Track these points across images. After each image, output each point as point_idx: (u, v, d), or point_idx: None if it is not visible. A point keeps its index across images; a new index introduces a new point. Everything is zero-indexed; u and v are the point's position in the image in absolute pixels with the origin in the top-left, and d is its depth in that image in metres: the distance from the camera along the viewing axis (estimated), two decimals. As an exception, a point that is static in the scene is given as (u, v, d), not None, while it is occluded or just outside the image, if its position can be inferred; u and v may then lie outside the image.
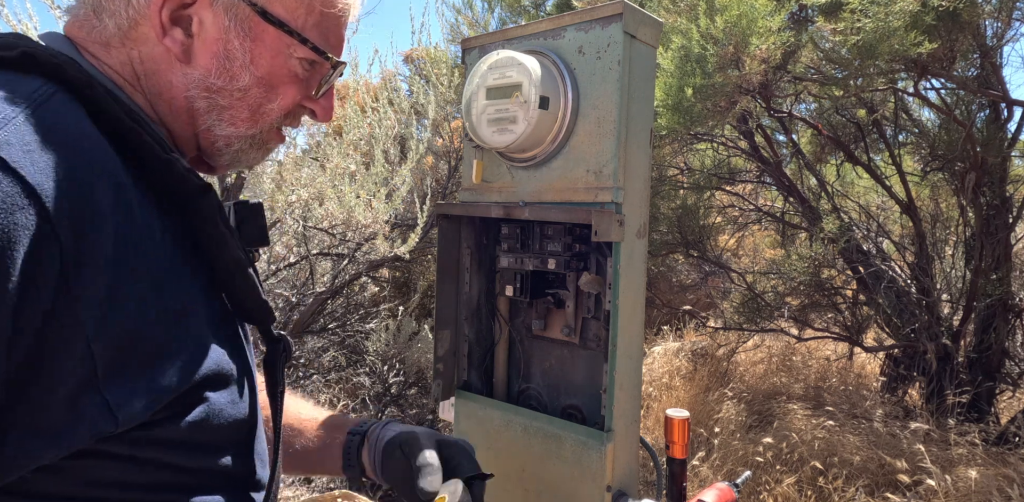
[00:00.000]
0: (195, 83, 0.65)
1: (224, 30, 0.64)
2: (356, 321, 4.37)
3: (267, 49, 0.66)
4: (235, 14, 0.64)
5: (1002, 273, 3.32)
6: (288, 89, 0.69)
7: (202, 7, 0.63)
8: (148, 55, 0.64)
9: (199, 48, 0.64)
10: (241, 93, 0.66)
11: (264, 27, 0.65)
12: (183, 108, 0.66)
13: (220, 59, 0.64)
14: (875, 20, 2.31)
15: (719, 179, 4.55)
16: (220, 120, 0.67)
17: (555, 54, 1.13)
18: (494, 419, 1.23)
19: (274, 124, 0.72)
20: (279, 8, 0.65)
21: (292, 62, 0.68)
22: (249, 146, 0.71)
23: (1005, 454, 2.90)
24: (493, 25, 4.76)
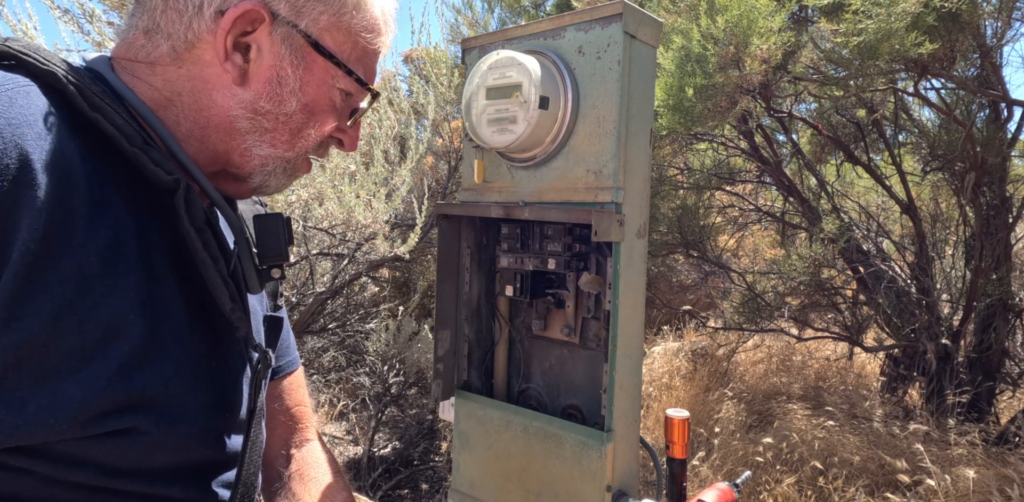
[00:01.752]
0: (244, 104, 0.68)
1: (279, 57, 0.68)
2: (356, 321, 4.37)
3: (315, 78, 0.70)
4: (291, 43, 0.68)
5: (1002, 273, 3.32)
6: (326, 117, 0.74)
7: (262, 35, 0.67)
8: (198, 75, 0.67)
9: (254, 72, 0.68)
10: (286, 117, 0.70)
11: (315, 57, 0.70)
12: (223, 126, 0.69)
13: (272, 84, 0.68)
14: (877, 21, 2.31)
15: (719, 179, 4.55)
16: (262, 141, 0.70)
17: (555, 54, 1.13)
18: (494, 419, 1.23)
19: (308, 151, 0.75)
20: (329, 41, 0.70)
21: (334, 92, 0.73)
22: (282, 170, 0.74)
23: (1005, 454, 2.90)
24: (493, 25, 4.76)
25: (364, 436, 3.79)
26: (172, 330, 0.61)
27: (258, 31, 0.66)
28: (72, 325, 0.53)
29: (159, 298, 0.60)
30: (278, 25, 0.67)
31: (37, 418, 0.52)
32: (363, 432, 3.91)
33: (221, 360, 0.68)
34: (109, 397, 0.55)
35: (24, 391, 0.51)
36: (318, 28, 0.69)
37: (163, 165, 0.61)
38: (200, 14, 0.65)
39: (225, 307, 0.66)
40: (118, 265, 0.57)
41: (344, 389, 4.44)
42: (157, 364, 0.59)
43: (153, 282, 0.60)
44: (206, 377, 0.65)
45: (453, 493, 1.29)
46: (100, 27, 2.79)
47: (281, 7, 0.67)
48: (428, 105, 3.83)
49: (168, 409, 0.60)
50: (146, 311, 0.59)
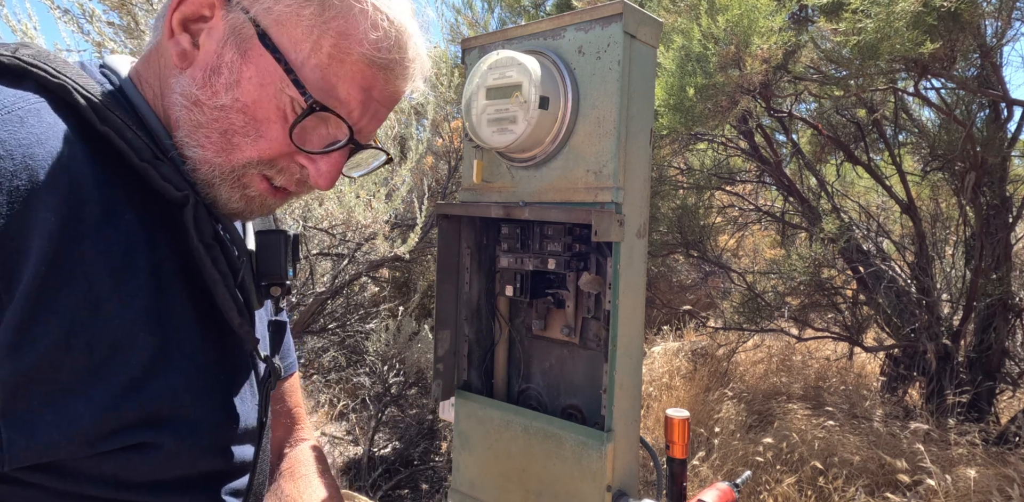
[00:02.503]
0: (181, 91, 0.62)
1: (221, 42, 0.61)
2: (356, 321, 4.37)
3: (257, 75, 0.61)
4: (239, 31, 0.61)
5: (1002, 273, 3.32)
6: (271, 128, 0.63)
7: (216, 21, 0.62)
8: (166, 63, 0.64)
9: (200, 59, 0.62)
10: (218, 113, 0.62)
11: (260, 51, 0.61)
12: (171, 118, 0.64)
13: (207, 71, 0.61)
14: (877, 20, 2.31)
15: (719, 179, 4.55)
16: (191, 139, 0.63)
17: (555, 54, 1.13)
18: (494, 419, 1.23)
19: (251, 164, 0.64)
20: (283, 37, 0.61)
21: (283, 99, 0.62)
22: (219, 180, 0.64)
23: (1005, 454, 2.90)
24: (493, 25, 4.76)
25: (364, 436, 3.79)
26: (180, 343, 0.60)
27: (214, 17, 0.62)
28: (81, 345, 0.52)
29: (168, 311, 0.59)
30: (231, 9, 0.61)
31: (48, 439, 0.51)
32: (363, 432, 3.91)
33: (229, 372, 0.67)
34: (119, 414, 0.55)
35: (33, 413, 0.51)
36: (270, 17, 0.60)
37: (172, 180, 0.60)
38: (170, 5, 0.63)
39: (234, 322, 0.64)
40: (128, 282, 0.56)
41: (344, 389, 4.44)
42: (166, 377, 0.58)
43: (162, 295, 0.59)
44: (215, 388, 0.64)
45: (453, 493, 1.29)
46: (100, 27, 2.79)
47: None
48: (428, 105, 3.83)
49: (178, 422, 0.59)
50: (154, 326, 0.58)
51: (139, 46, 2.77)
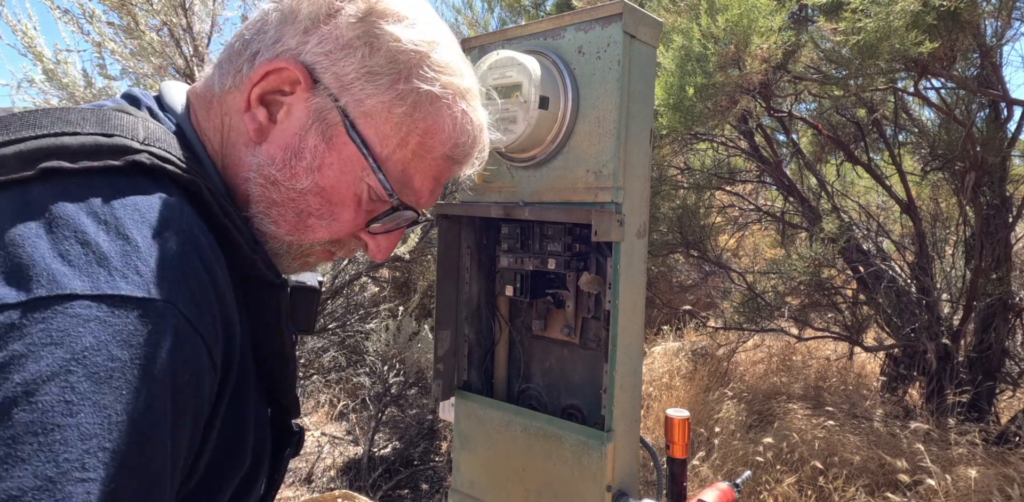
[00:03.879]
0: (257, 167, 0.62)
1: (305, 128, 0.61)
2: (356, 321, 4.37)
3: (339, 162, 0.62)
4: (323, 117, 0.61)
5: (1002, 273, 3.32)
6: (345, 212, 0.65)
7: (298, 98, 0.61)
8: (233, 125, 0.63)
9: (276, 135, 0.62)
10: (296, 194, 0.63)
11: (345, 140, 0.62)
12: (241, 189, 0.64)
13: (288, 153, 0.62)
14: (876, 20, 2.31)
15: (719, 179, 4.55)
16: (265, 214, 0.64)
17: (555, 54, 1.13)
18: (494, 419, 1.23)
19: (318, 243, 0.67)
20: (370, 128, 0.62)
21: (361, 186, 0.64)
22: (285, 251, 0.66)
23: (1005, 454, 2.90)
24: (493, 25, 4.76)
25: (364, 436, 3.79)
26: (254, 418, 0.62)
27: (295, 95, 0.61)
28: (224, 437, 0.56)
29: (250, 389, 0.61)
30: (317, 94, 0.61)
31: None
32: (363, 432, 3.91)
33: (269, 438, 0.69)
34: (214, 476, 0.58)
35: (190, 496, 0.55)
36: (360, 110, 0.61)
37: (272, 267, 0.61)
38: (252, 62, 0.62)
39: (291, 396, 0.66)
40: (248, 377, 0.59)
41: (344, 389, 4.44)
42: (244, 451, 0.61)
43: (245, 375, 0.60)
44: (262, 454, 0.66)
45: (453, 493, 1.29)
46: (100, 27, 2.79)
47: (326, 76, 0.61)
48: (428, 105, 3.83)
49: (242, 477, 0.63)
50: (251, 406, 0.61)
51: (139, 46, 2.77)
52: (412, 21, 0.63)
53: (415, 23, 0.63)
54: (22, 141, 0.50)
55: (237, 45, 0.64)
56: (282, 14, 0.62)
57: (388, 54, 0.61)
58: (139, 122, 0.57)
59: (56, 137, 0.51)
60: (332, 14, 0.61)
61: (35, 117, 0.52)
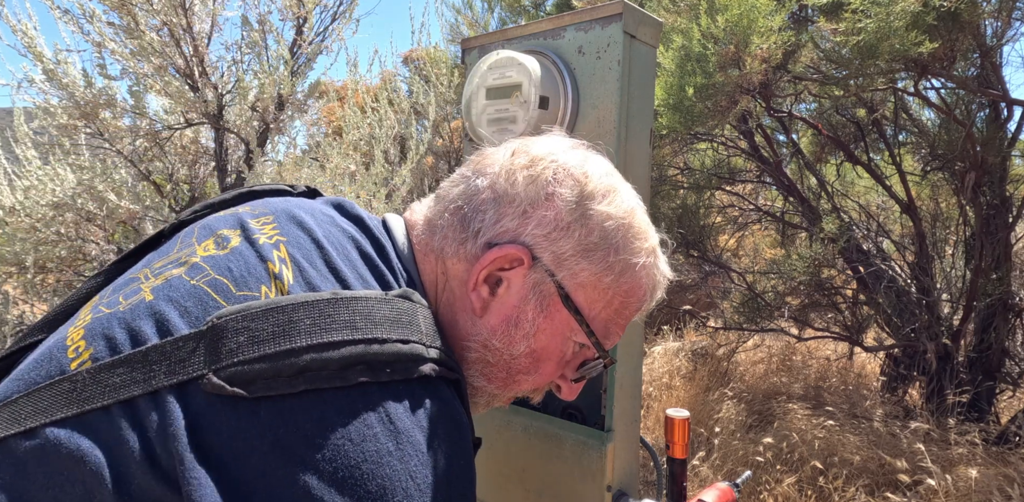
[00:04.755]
0: (476, 336, 0.68)
1: (524, 300, 0.67)
2: (356, 321, 4.37)
3: (552, 327, 0.68)
4: (540, 290, 0.67)
5: (1002, 273, 3.32)
6: (550, 366, 0.71)
7: (516, 274, 0.67)
8: (452, 289, 0.68)
9: (495, 308, 0.67)
10: (511, 358, 0.69)
11: (560, 309, 0.68)
12: (457, 349, 0.69)
13: (509, 324, 0.67)
14: (876, 20, 2.31)
15: (719, 179, 4.55)
16: (480, 374, 0.70)
17: (555, 54, 1.13)
18: (494, 419, 1.23)
19: (520, 393, 0.74)
20: (580, 296, 0.68)
21: (567, 344, 0.70)
22: (485, 402, 0.74)
23: (1005, 454, 2.90)
24: (493, 25, 4.76)
25: None
26: None
27: (514, 271, 0.67)
28: None
29: None
30: (535, 270, 0.67)
31: None
32: (363, 432, 3.90)
33: None
34: None
35: None
36: (575, 282, 0.67)
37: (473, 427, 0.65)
38: (475, 239, 0.67)
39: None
40: None
41: (344, 389, 4.44)
42: None
43: None
44: None
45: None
46: (100, 27, 2.79)
47: (545, 255, 0.66)
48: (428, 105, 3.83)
49: None
50: None
51: (139, 46, 2.77)
52: (614, 195, 0.69)
53: (616, 196, 0.70)
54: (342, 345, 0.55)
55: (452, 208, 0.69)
56: (496, 193, 0.68)
57: (601, 232, 0.68)
58: (420, 318, 0.61)
59: (369, 345, 0.56)
60: (548, 198, 0.67)
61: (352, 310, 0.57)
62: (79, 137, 3.00)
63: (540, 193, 0.66)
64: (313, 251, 0.62)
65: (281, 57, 3.03)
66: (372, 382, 0.54)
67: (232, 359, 0.53)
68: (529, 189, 0.67)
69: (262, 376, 0.52)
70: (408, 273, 0.68)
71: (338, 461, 0.49)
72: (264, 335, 0.54)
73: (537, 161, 0.68)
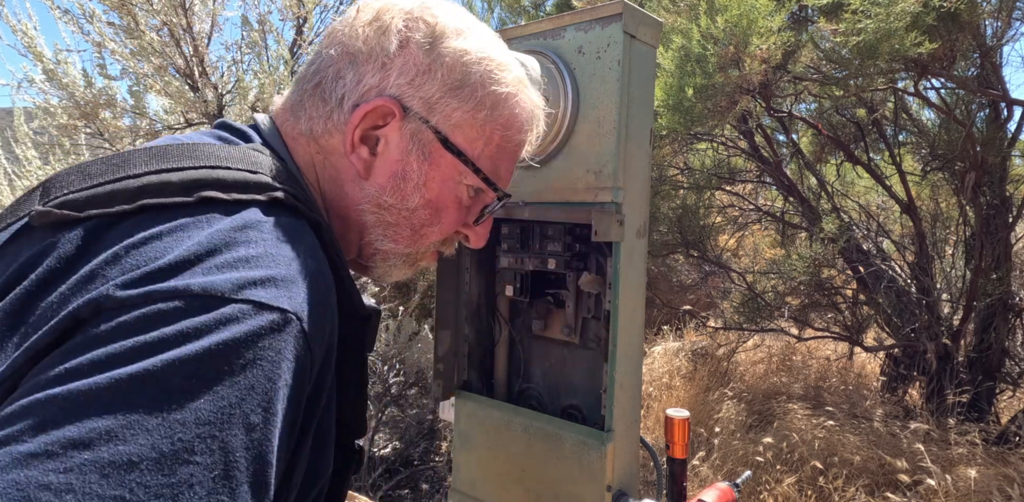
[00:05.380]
0: (369, 198, 0.68)
1: (406, 152, 0.67)
2: (356, 321, 4.37)
3: (440, 174, 0.69)
4: (419, 139, 0.67)
5: (1002, 273, 3.32)
6: (451, 214, 0.72)
7: (391, 129, 0.67)
8: (333, 164, 0.68)
9: (380, 166, 0.68)
10: (409, 212, 0.69)
11: (443, 153, 0.68)
12: (354, 219, 0.70)
13: (396, 179, 0.68)
14: (876, 21, 2.31)
15: (719, 179, 4.55)
16: (384, 236, 0.70)
17: (555, 54, 1.13)
18: (494, 419, 1.23)
19: (431, 247, 0.75)
20: (460, 137, 0.68)
21: (460, 189, 0.71)
22: (403, 262, 0.74)
23: (1005, 454, 2.90)
24: (493, 25, 4.76)
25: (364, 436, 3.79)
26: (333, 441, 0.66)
27: (388, 126, 0.66)
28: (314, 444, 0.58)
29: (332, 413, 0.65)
30: (409, 120, 0.67)
31: None
32: (363, 432, 3.90)
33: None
34: None
35: None
36: (449, 124, 0.68)
37: (362, 302, 0.64)
38: (340, 107, 0.66)
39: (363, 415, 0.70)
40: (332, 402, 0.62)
41: (344, 389, 4.44)
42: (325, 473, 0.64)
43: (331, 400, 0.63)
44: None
45: (453, 493, 1.29)
46: (100, 27, 2.79)
47: (414, 103, 0.66)
48: (428, 105, 3.83)
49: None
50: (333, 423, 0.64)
51: (139, 46, 2.77)
52: (468, 31, 0.68)
53: (470, 32, 0.69)
54: (183, 170, 0.55)
55: (310, 87, 0.68)
56: (351, 55, 0.67)
57: (463, 68, 0.67)
58: (272, 162, 0.62)
59: (212, 170, 0.56)
60: (403, 45, 0.66)
61: (192, 150, 0.58)
62: (79, 137, 3.00)
63: (393, 42, 0.65)
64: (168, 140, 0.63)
65: (281, 57, 3.03)
66: (219, 199, 0.54)
67: (62, 191, 0.54)
68: (382, 41, 0.66)
69: (95, 200, 0.52)
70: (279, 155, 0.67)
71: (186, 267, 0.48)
72: (96, 171, 0.55)
73: (383, 13, 0.67)
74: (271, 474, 0.46)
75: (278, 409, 0.47)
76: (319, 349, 0.52)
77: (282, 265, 0.52)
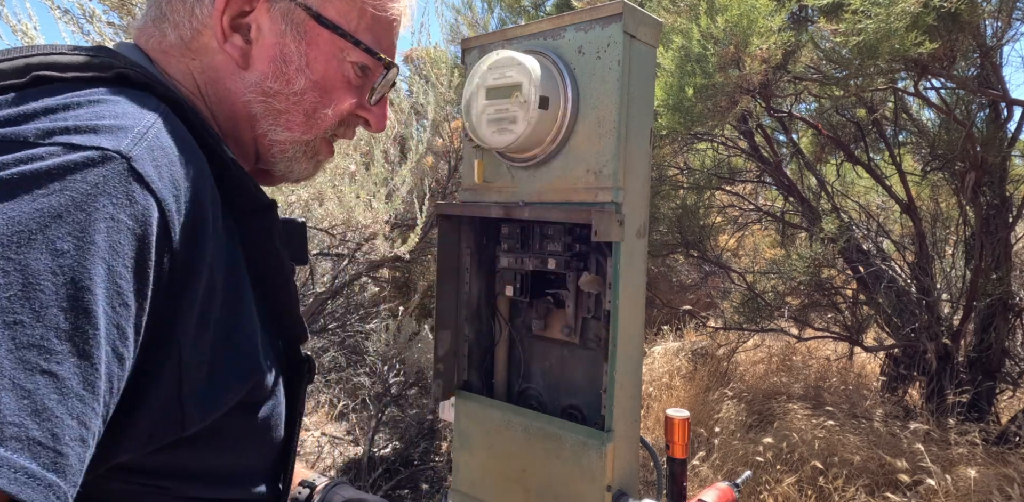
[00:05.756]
0: (252, 87, 0.67)
1: (280, 34, 0.66)
2: (356, 321, 4.37)
3: (321, 52, 0.67)
4: (291, 19, 0.66)
5: (1002, 273, 3.32)
6: (342, 94, 0.71)
7: (260, 13, 0.65)
8: (209, 64, 0.66)
9: (257, 53, 0.66)
10: (297, 97, 0.68)
11: (318, 30, 0.67)
12: (243, 114, 0.68)
13: (277, 63, 0.66)
14: (876, 21, 2.31)
15: (719, 179, 4.55)
16: (276, 125, 0.69)
17: (555, 54, 1.13)
18: (494, 419, 1.23)
19: (327, 131, 0.72)
20: (332, 12, 0.67)
21: (345, 66, 0.69)
22: (302, 154, 0.72)
23: (1005, 454, 2.90)
24: (493, 25, 4.76)
25: (364, 436, 3.79)
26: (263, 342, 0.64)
27: (256, 9, 0.65)
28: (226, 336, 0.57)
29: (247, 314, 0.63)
30: (275, 2, 0.65)
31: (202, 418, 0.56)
32: (363, 432, 3.91)
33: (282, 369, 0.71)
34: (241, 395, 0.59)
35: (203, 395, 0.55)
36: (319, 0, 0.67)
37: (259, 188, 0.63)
38: (201, 4, 0.65)
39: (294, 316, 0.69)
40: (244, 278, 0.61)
41: (344, 389, 4.44)
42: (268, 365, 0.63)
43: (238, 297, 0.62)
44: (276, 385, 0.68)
45: (453, 493, 1.29)
46: (100, 27, 2.79)
47: None
48: (428, 105, 3.83)
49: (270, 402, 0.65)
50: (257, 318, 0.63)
51: (139, 46, 2.77)
52: None
53: None
54: (14, 59, 0.54)
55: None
56: None
57: None
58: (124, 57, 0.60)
59: (47, 55, 0.55)
60: None
61: (31, 49, 0.56)
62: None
63: None
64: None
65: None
66: (55, 77, 0.52)
67: None
68: None
69: None
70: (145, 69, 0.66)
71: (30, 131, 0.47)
72: None
73: None
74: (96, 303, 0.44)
75: (100, 243, 0.44)
76: (170, 199, 0.50)
77: (115, 118, 0.50)
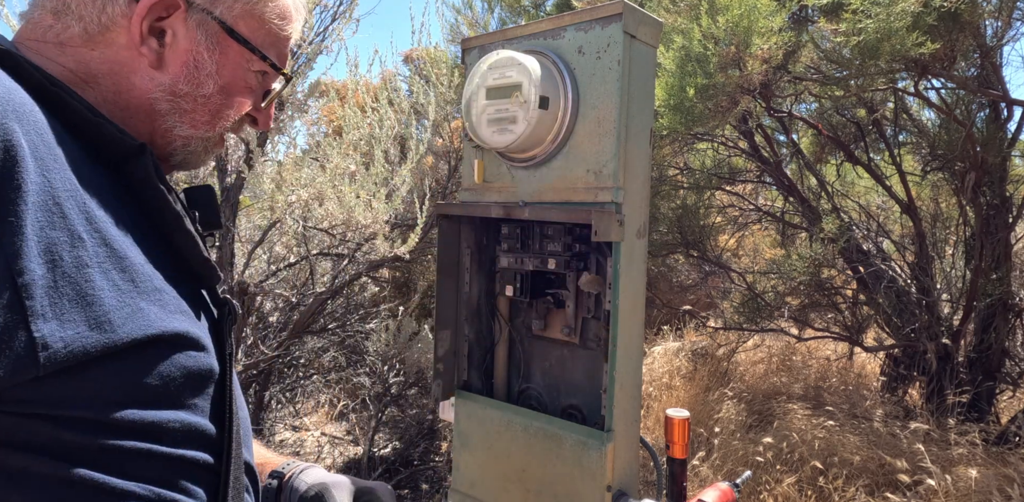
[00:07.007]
0: (162, 87, 0.72)
1: (195, 42, 0.73)
2: (356, 321, 4.37)
3: (230, 61, 0.76)
4: (206, 29, 0.73)
5: (1002, 273, 3.32)
6: (243, 98, 0.79)
7: (176, 21, 0.71)
8: (112, 57, 0.70)
9: (170, 56, 0.72)
10: (204, 99, 0.75)
11: (229, 43, 0.75)
12: (143, 108, 0.72)
13: (189, 68, 0.73)
14: (877, 21, 2.31)
15: (719, 179, 4.55)
16: (182, 122, 0.75)
17: (555, 54, 1.13)
18: (494, 419, 1.23)
19: (225, 128, 0.80)
20: (243, 27, 0.76)
21: (249, 75, 0.78)
22: (202, 148, 0.80)
23: (1005, 454, 2.90)
24: (493, 25, 4.76)
25: (364, 436, 3.79)
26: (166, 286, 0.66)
27: (173, 17, 0.70)
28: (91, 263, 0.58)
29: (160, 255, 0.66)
30: (193, 12, 0.71)
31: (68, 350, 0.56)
32: (363, 432, 3.91)
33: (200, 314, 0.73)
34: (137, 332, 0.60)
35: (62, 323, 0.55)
36: (232, 16, 0.74)
37: (124, 131, 0.65)
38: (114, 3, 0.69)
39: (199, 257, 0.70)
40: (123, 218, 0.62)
41: (344, 389, 4.45)
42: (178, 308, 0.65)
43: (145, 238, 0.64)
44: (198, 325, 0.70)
45: (453, 493, 1.29)
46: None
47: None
48: (428, 105, 3.83)
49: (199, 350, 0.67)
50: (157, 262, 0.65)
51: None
52: None
53: None
54: None
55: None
56: None
57: None
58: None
59: None
60: None
61: None
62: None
63: None
64: None
65: (281, 57, 3.02)
66: None
67: None
68: None
69: None
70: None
71: None
72: None
73: None
74: None
75: None
76: None
77: None
